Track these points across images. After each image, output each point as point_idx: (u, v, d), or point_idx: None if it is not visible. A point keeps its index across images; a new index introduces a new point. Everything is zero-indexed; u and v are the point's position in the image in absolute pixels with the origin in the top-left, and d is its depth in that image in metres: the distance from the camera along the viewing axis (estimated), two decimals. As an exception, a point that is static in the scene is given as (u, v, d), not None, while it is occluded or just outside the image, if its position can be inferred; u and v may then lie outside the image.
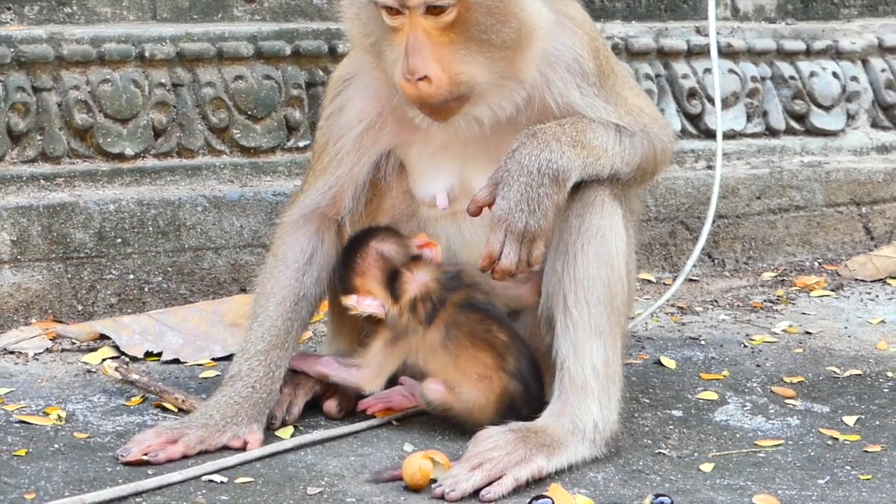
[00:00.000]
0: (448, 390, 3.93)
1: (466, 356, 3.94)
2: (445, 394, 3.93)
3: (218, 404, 3.94)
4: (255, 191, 5.19)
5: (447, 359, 3.94)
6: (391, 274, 4.03)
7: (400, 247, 4.06)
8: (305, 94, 5.37)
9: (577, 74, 3.93)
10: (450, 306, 3.97)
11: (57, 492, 3.55)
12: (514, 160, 3.79)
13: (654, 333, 5.09)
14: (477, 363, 3.94)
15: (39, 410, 4.15)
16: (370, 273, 4.03)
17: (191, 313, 4.86)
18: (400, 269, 4.03)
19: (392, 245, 4.05)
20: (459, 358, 3.94)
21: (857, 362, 4.80)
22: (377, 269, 4.03)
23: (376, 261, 4.03)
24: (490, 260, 3.78)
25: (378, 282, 4.02)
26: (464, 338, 3.95)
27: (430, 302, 3.99)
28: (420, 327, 3.97)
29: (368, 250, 4.04)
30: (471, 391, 3.93)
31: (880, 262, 5.98)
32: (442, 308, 3.97)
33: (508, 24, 3.76)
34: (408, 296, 4.01)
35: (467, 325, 3.96)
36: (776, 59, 6.30)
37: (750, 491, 3.69)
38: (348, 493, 3.60)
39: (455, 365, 3.94)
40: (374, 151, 4.08)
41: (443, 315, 3.96)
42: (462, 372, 3.93)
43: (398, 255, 4.05)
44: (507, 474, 3.64)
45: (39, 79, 5.02)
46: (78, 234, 4.90)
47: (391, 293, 4.02)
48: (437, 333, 3.96)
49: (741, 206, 5.96)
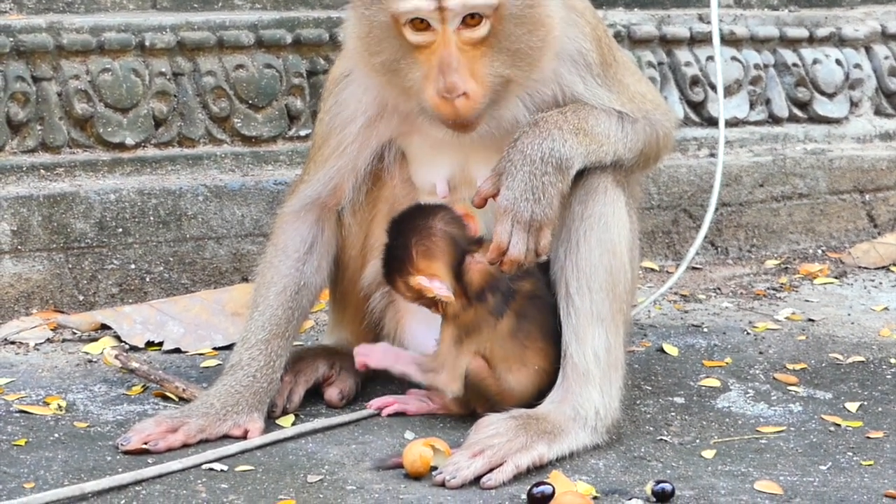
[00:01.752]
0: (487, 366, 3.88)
1: (535, 349, 3.90)
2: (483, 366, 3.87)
3: (218, 393, 3.93)
4: (256, 180, 5.18)
5: (515, 348, 3.89)
6: (459, 259, 3.92)
7: (463, 230, 3.95)
8: (306, 83, 5.36)
9: (581, 66, 3.93)
10: (520, 297, 3.91)
11: (56, 481, 3.54)
12: (517, 150, 3.78)
13: (657, 321, 5.08)
14: (542, 356, 3.90)
15: (40, 400, 4.14)
16: (440, 258, 3.90)
17: (192, 303, 4.85)
18: (465, 254, 3.92)
19: (457, 229, 3.94)
20: (528, 350, 3.90)
21: (859, 349, 4.79)
22: (447, 254, 3.90)
23: (447, 245, 3.91)
24: (499, 251, 3.76)
25: (447, 267, 3.91)
26: (536, 331, 3.90)
27: (499, 292, 3.90)
28: (492, 319, 3.89)
29: (437, 231, 3.91)
30: (521, 379, 3.90)
31: (884, 249, 5.96)
32: (513, 300, 3.90)
33: (536, 33, 3.77)
34: (474, 286, 3.91)
35: (539, 319, 3.90)
36: (779, 47, 6.28)
37: (752, 477, 3.68)
38: (349, 481, 3.59)
39: (520, 355, 3.89)
40: (376, 142, 4.07)
41: (514, 306, 3.90)
42: (523, 363, 3.90)
43: (462, 237, 3.95)
44: (507, 461, 3.63)
45: (39, 68, 5.01)
46: (79, 224, 4.89)
47: (456, 279, 3.91)
48: (509, 324, 3.89)
49: (744, 193, 5.95)
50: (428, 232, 3.90)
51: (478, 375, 3.89)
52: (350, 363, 4.24)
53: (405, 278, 3.91)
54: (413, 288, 3.91)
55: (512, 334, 3.89)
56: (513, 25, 3.73)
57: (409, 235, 3.91)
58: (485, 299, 3.90)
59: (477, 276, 3.92)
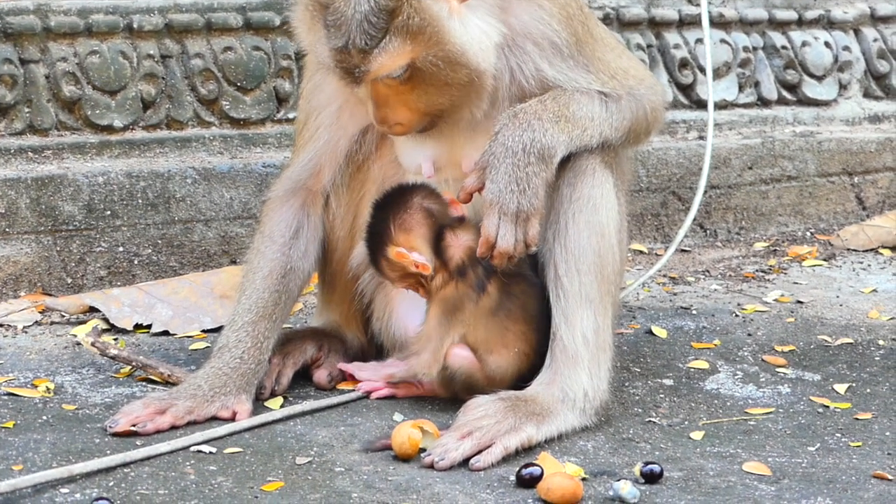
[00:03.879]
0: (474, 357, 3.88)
1: (516, 331, 3.89)
2: (472, 360, 3.89)
3: (206, 375, 3.93)
4: (244, 162, 5.17)
5: (496, 329, 3.88)
6: (437, 233, 3.93)
7: (442, 207, 3.97)
8: (295, 66, 5.35)
9: (548, 50, 3.89)
10: (502, 275, 3.89)
11: (45, 463, 3.53)
12: (498, 142, 3.78)
13: (646, 303, 5.08)
14: (523, 340, 3.90)
15: (28, 383, 4.13)
16: (417, 230, 3.92)
17: (180, 285, 4.84)
18: (444, 230, 3.93)
19: (436, 204, 3.96)
20: (509, 331, 3.89)
21: (848, 331, 4.80)
22: (424, 227, 3.93)
23: (424, 217, 3.93)
24: (488, 244, 3.76)
25: (425, 240, 3.92)
26: (517, 311, 3.89)
27: (480, 267, 3.89)
28: (473, 293, 3.89)
29: (413, 205, 3.93)
30: (501, 362, 3.89)
31: (872, 231, 5.97)
32: (494, 274, 3.88)
33: (459, 70, 3.76)
34: (455, 260, 3.92)
35: (521, 299, 3.90)
36: (768, 29, 6.28)
37: (740, 458, 3.68)
38: (337, 463, 3.59)
39: (502, 336, 3.88)
40: (353, 125, 4.08)
41: (495, 282, 3.89)
42: (505, 344, 3.89)
43: (443, 213, 3.96)
44: (496, 443, 3.63)
45: (27, 51, 4.99)
46: (67, 206, 4.88)
47: (435, 254, 3.93)
48: (490, 301, 3.88)
49: (733, 176, 5.95)
50: (406, 206, 3.93)
51: (466, 370, 3.88)
52: (339, 345, 4.24)
53: (385, 253, 3.93)
54: (393, 262, 3.92)
55: (493, 313, 3.88)
56: (432, 67, 3.73)
57: (388, 211, 3.95)
58: (465, 274, 3.91)
59: (457, 251, 3.92)
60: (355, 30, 3.65)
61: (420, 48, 3.69)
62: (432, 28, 3.68)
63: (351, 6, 3.64)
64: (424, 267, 3.91)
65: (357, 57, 3.68)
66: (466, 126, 3.90)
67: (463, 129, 3.92)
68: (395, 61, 3.69)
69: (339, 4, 3.66)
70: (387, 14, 3.63)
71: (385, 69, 3.70)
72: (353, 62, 3.69)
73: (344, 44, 3.67)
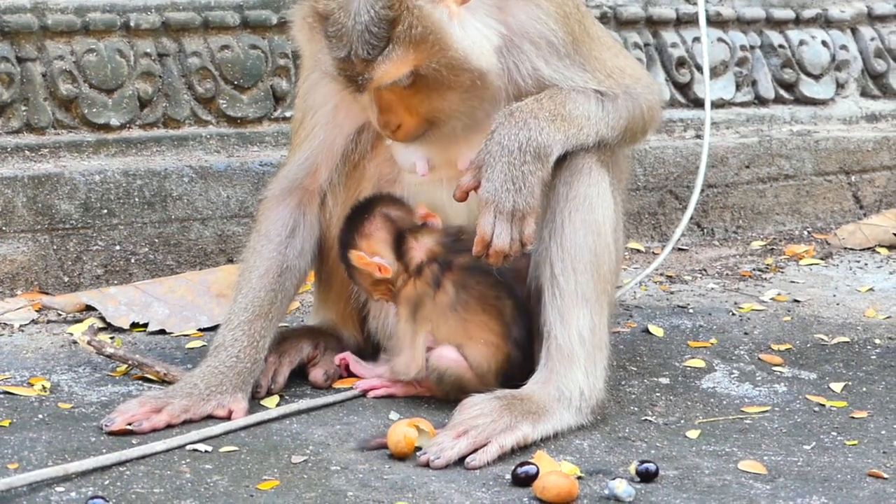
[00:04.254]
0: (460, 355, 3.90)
1: (476, 321, 3.91)
2: (458, 360, 3.90)
3: (202, 374, 3.93)
4: (241, 161, 5.17)
5: (456, 323, 3.91)
6: (397, 238, 4.01)
7: (404, 213, 4.05)
8: (292, 64, 5.35)
9: (545, 49, 3.89)
10: (456, 269, 3.94)
11: (40, 461, 3.54)
12: (494, 141, 3.78)
13: (643, 302, 5.08)
14: (485, 329, 3.92)
15: (24, 381, 4.13)
16: (376, 235, 4.00)
17: (177, 284, 4.84)
18: (405, 235, 4.01)
19: (397, 210, 4.04)
20: (469, 322, 3.91)
21: (844, 330, 4.80)
22: (384, 232, 4.01)
23: (383, 223, 4.01)
24: (483, 243, 3.76)
25: (385, 244, 4.00)
26: (474, 302, 3.92)
27: (435, 264, 3.96)
28: (430, 290, 3.94)
29: (374, 213, 4.02)
30: (475, 355, 3.91)
31: (869, 230, 5.97)
32: (448, 270, 3.94)
33: (461, 75, 3.76)
34: (415, 261, 3.98)
35: (477, 290, 3.93)
36: (765, 28, 6.28)
37: (736, 457, 3.68)
38: (333, 462, 3.59)
39: (464, 329, 3.91)
40: (349, 124, 4.08)
41: (450, 277, 3.93)
42: (469, 336, 3.91)
43: (403, 220, 4.04)
44: (492, 442, 3.63)
45: (24, 49, 4.99)
46: (63, 205, 4.88)
47: (398, 258, 4.00)
48: (446, 296, 3.92)
49: (730, 175, 5.95)
50: (366, 215, 4.03)
51: (454, 371, 3.89)
52: (335, 343, 4.25)
53: (349, 259, 4.01)
54: (359, 269, 4.00)
55: (451, 307, 3.93)
56: (435, 73, 3.73)
57: (351, 221, 4.05)
58: (422, 272, 3.97)
59: (418, 253, 3.99)
60: (357, 40, 3.65)
61: (423, 55, 3.69)
62: (434, 35, 3.68)
63: (351, 17, 3.64)
64: (385, 269, 3.99)
65: (360, 66, 3.68)
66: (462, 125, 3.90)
67: (458, 127, 3.92)
68: (399, 69, 3.69)
69: (339, 16, 3.66)
70: (387, 23, 3.63)
71: (389, 77, 3.70)
72: (357, 71, 3.69)
73: (346, 54, 3.68)
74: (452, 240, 4.01)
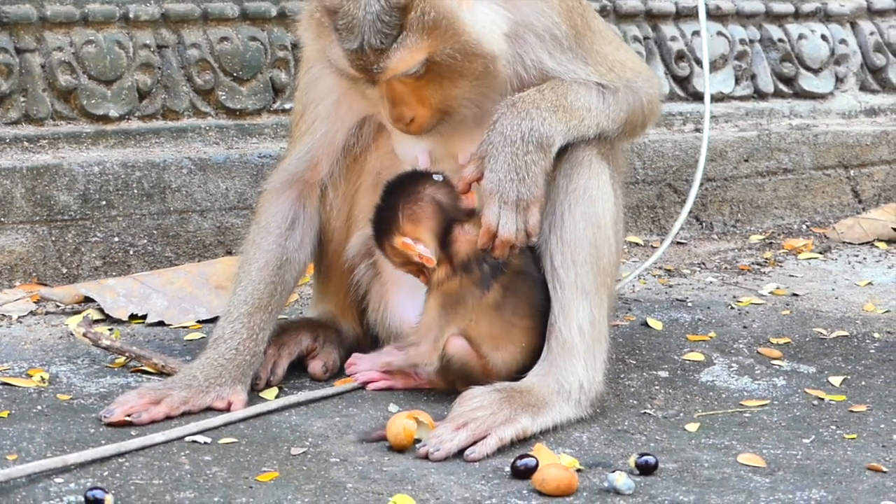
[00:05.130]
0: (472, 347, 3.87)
1: (522, 327, 3.87)
2: (467, 349, 3.88)
3: (202, 366, 3.92)
4: (240, 153, 5.16)
5: (501, 325, 3.86)
6: (445, 226, 3.90)
7: (453, 198, 3.93)
8: (291, 56, 5.34)
9: (549, 41, 3.90)
10: (510, 272, 3.88)
11: (39, 453, 3.53)
12: (497, 132, 3.77)
13: (642, 295, 5.08)
14: (529, 335, 3.88)
15: (22, 372, 4.13)
16: (425, 222, 3.89)
17: (176, 276, 4.84)
18: (453, 225, 3.90)
19: (447, 195, 3.92)
20: (515, 327, 3.87)
21: (843, 323, 4.80)
22: (433, 220, 3.89)
23: (434, 209, 3.90)
24: (489, 234, 3.75)
25: (432, 232, 3.90)
26: (523, 307, 3.87)
27: (486, 264, 3.87)
28: (476, 290, 3.87)
29: (425, 196, 3.90)
30: (507, 357, 3.88)
31: (868, 224, 5.97)
32: (501, 274, 3.87)
33: (475, 61, 3.75)
34: (460, 255, 3.89)
35: (526, 295, 3.87)
36: (765, 22, 6.28)
37: (735, 450, 3.68)
38: (332, 454, 3.59)
39: (507, 333, 3.87)
40: (350, 117, 4.08)
41: (502, 280, 3.87)
42: (511, 340, 3.88)
43: (453, 207, 3.92)
44: (491, 434, 3.63)
45: (23, 40, 4.99)
46: (62, 196, 4.87)
47: (442, 248, 3.90)
48: (494, 297, 3.86)
49: (729, 168, 5.95)
50: (416, 196, 3.90)
51: (461, 359, 3.88)
52: (334, 336, 4.24)
53: (391, 240, 3.91)
54: (398, 250, 3.90)
55: (498, 309, 3.87)
56: (449, 60, 3.72)
57: (398, 198, 3.91)
58: (471, 270, 3.89)
59: (464, 246, 3.90)
60: (368, 30, 3.64)
61: (436, 42, 3.68)
62: (447, 20, 3.67)
63: (361, 8, 3.63)
64: (429, 260, 3.89)
65: (373, 56, 3.67)
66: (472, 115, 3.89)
67: (468, 118, 3.91)
68: (413, 57, 3.69)
69: (349, 7, 3.65)
70: (399, 11, 3.63)
71: (403, 66, 3.69)
72: (370, 62, 3.68)
73: (359, 45, 3.66)
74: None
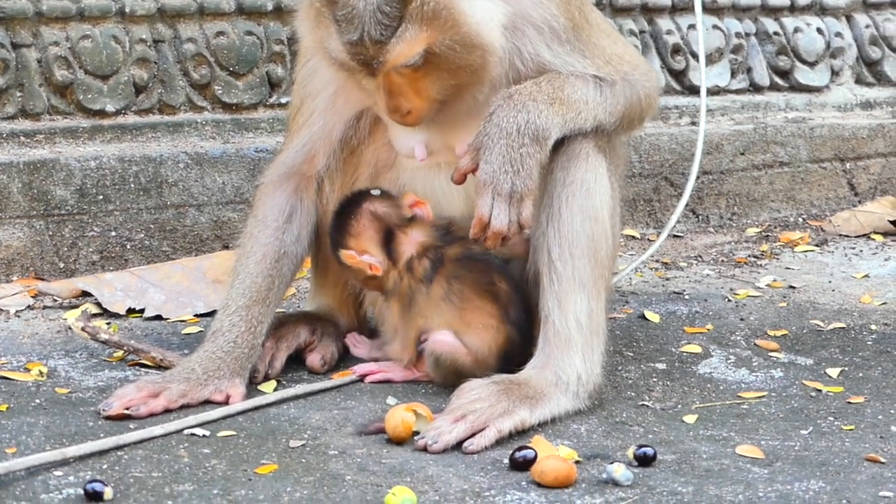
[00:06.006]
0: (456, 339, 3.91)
1: (471, 308, 3.92)
2: (454, 344, 3.90)
3: (200, 359, 3.93)
4: (237, 147, 5.16)
5: (452, 312, 3.92)
6: (386, 235, 4.01)
7: (393, 208, 4.04)
8: (287, 50, 5.34)
9: (547, 34, 3.90)
10: (448, 262, 3.95)
11: (38, 446, 3.53)
12: (493, 123, 3.77)
13: (638, 288, 5.09)
14: (483, 314, 3.92)
15: (21, 366, 4.13)
16: (365, 234, 4.01)
17: (173, 270, 4.84)
18: (394, 230, 4.01)
19: (385, 206, 4.03)
20: (465, 310, 3.92)
21: (840, 316, 4.80)
22: (372, 230, 4.00)
23: (370, 221, 4.00)
24: (481, 225, 3.76)
25: (374, 243, 4.01)
26: (467, 290, 3.93)
27: (426, 259, 3.97)
28: (422, 286, 3.95)
29: (361, 211, 4.01)
30: (473, 339, 3.91)
31: (864, 217, 5.97)
32: (441, 265, 3.95)
33: (473, 52, 3.76)
34: (404, 257, 3.99)
35: (469, 278, 3.93)
36: (760, 15, 6.28)
37: (733, 441, 3.69)
38: (331, 446, 3.59)
39: (460, 317, 3.92)
40: (347, 110, 4.08)
41: (442, 271, 3.94)
42: (467, 324, 3.92)
43: (391, 216, 4.03)
44: (489, 426, 3.63)
45: (19, 35, 4.98)
46: (59, 191, 4.87)
47: (387, 255, 4.00)
48: (440, 289, 3.93)
49: (725, 162, 5.95)
50: (353, 213, 4.02)
51: (450, 355, 3.90)
52: (332, 329, 4.24)
53: (339, 256, 4.03)
54: (348, 265, 4.01)
55: (445, 298, 3.93)
56: (448, 51, 3.73)
57: (340, 218, 4.04)
58: (413, 268, 3.98)
59: (408, 248, 3.99)
60: (369, 21, 3.64)
61: (436, 33, 3.68)
62: (447, 11, 3.67)
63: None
64: (375, 268, 3.99)
65: (373, 48, 3.67)
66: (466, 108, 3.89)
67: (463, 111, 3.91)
68: (413, 49, 3.69)
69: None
70: (399, 2, 3.63)
71: (403, 58, 3.69)
72: (370, 54, 3.68)
73: (359, 37, 3.66)
74: (443, 232, 4.01)
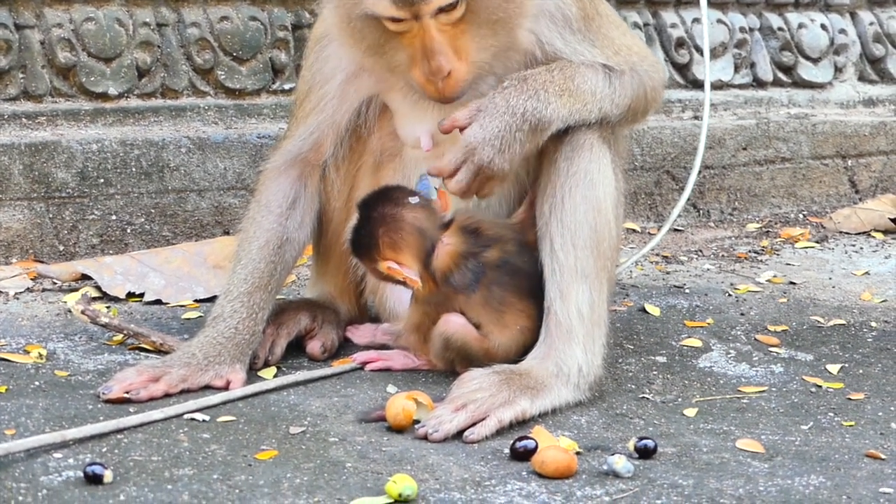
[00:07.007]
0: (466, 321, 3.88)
1: (512, 311, 3.89)
2: (466, 326, 3.89)
3: (201, 344, 3.92)
4: (239, 133, 5.15)
5: (491, 315, 3.88)
6: (427, 248, 3.90)
7: (431, 218, 3.92)
8: (291, 36, 5.33)
9: (560, 22, 3.90)
10: (489, 269, 3.89)
11: (38, 428, 3.52)
12: (503, 96, 3.77)
13: (639, 281, 5.08)
14: (522, 316, 3.90)
15: (20, 349, 4.12)
16: (405, 249, 3.89)
17: (173, 255, 4.83)
18: (434, 243, 3.90)
19: (425, 217, 3.91)
20: (505, 314, 3.89)
21: (841, 312, 4.80)
22: (413, 245, 3.89)
23: (414, 236, 3.89)
24: (439, 173, 3.77)
25: (413, 256, 3.89)
26: (509, 296, 3.88)
27: (468, 270, 3.88)
28: (462, 296, 3.88)
29: (404, 224, 3.88)
30: (503, 339, 3.89)
31: (865, 214, 5.97)
32: (483, 274, 3.88)
33: (510, 7, 3.75)
34: (441, 270, 3.90)
35: (512, 283, 3.89)
36: (765, 10, 6.27)
37: (733, 435, 3.68)
38: (331, 433, 3.58)
39: (498, 320, 3.89)
40: (356, 98, 4.07)
41: (484, 280, 3.88)
42: (504, 325, 3.89)
43: (431, 230, 3.92)
44: (490, 416, 3.63)
45: (22, 16, 4.97)
46: (60, 173, 4.86)
47: (425, 267, 3.90)
48: (480, 296, 3.88)
49: (727, 156, 5.95)
50: (395, 224, 3.88)
51: (461, 337, 3.88)
52: (332, 316, 4.23)
53: (374, 265, 3.93)
54: (381, 272, 3.92)
55: (485, 304, 3.89)
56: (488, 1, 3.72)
57: (377, 225, 3.90)
58: (453, 283, 3.90)
59: (445, 261, 3.91)
60: None
61: None
62: None
63: None
64: (414, 282, 3.89)
65: None
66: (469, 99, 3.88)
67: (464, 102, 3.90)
68: None
69: None
70: None
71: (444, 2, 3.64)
72: None
73: None
74: (474, 236, 3.95)
